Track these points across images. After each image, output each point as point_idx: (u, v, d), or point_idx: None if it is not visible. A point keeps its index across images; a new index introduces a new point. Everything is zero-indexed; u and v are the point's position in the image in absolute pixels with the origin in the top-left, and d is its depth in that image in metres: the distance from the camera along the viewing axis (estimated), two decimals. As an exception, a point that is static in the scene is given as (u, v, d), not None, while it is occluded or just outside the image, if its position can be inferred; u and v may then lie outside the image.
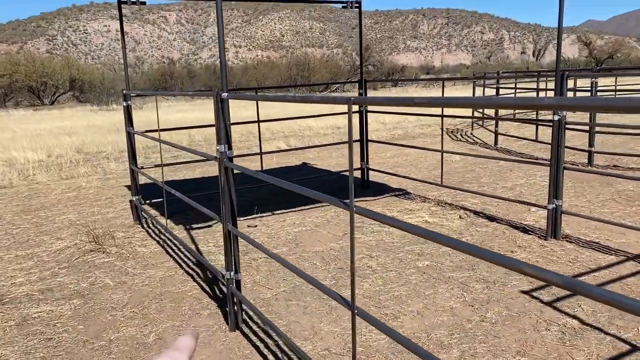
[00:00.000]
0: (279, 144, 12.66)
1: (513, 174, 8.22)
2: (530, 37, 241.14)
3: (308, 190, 2.46)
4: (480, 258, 1.64)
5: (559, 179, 4.98)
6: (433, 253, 4.85)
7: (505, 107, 1.81)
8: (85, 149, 13.00)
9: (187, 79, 68.96)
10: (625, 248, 4.77)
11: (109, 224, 6.32)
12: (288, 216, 6.43)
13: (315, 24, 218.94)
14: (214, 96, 3.35)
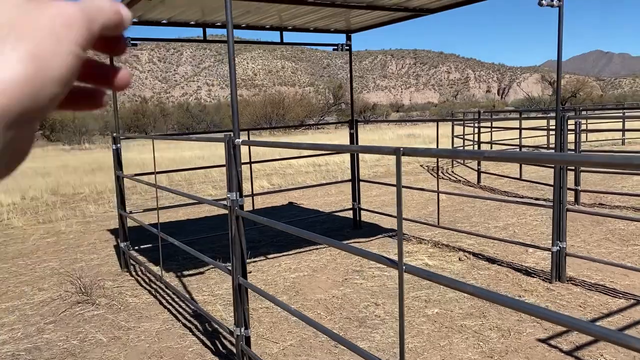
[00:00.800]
0: (262, 183, 12.49)
1: (502, 213, 8.22)
2: (494, 77, 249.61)
3: (354, 248, 2.31)
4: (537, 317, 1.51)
5: (562, 220, 4.95)
6: (440, 299, 4.71)
7: (530, 162, 1.74)
8: (61, 190, 12.58)
9: (159, 117, 68.55)
10: (631, 290, 4.72)
11: (94, 272, 6.00)
12: (282, 260, 6.23)
13: (288, 64, 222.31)
14: (225, 142, 3.21)
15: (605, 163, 1.39)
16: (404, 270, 1.97)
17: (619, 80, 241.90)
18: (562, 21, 4.61)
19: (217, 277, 5.67)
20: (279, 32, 6.75)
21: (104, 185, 13.28)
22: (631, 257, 5.73)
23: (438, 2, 5.58)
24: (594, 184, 10.46)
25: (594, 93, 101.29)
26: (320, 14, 5.99)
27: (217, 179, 14.17)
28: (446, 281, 1.89)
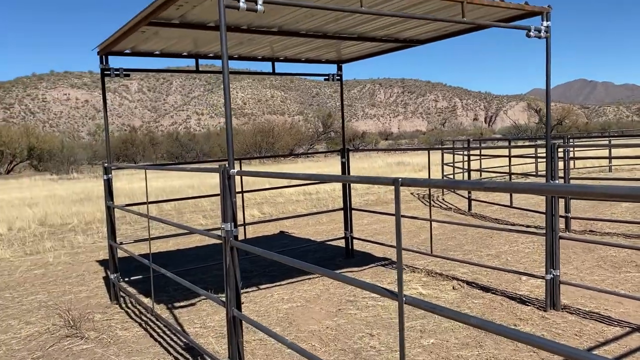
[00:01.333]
0: (253, 212, 12.44)
1: (495, 241, 8.23)
2: (481, 105, 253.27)
3: (351, 279, 2.29)
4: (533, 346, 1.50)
5: (555, 248, 4.96)
6: (435, 329, 4.66)
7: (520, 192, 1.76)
8: (49, 221, 12.42)
9: (149, 147, 68.52)
10: (626, 318, 4.71)
11: (83, 304, 5.89)
12: (275, 291, 6.16)
13: (277, 93, 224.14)
14: (220, 173, 3.20)
15: (605, 194, 1.40)
16: (404, 302, 1.95)
17: (604, 108, 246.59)
18: (549, 52, 4.71)
19: (208, 308, 5.59)
20: (271, 62, 6.82)
21: (92, 215, 13.14)
22: (624, 284, 5.74)
23: (427, 34, 5.69)
24: (584, 211, 10.54)
25: (580, 121, 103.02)
26: (311, 45, 6.07)
27: (208, 208, 14.09)
28: (449, 313, 1.87)
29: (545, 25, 4.63)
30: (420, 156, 39.36)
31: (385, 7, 4.31)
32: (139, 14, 4.37)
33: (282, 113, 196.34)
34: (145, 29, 4.77)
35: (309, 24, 5.05)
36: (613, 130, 49.95)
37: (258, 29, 5.16)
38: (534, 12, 4.65)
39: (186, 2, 4.05)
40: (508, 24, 4.70)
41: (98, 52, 5.65)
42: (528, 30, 4.55)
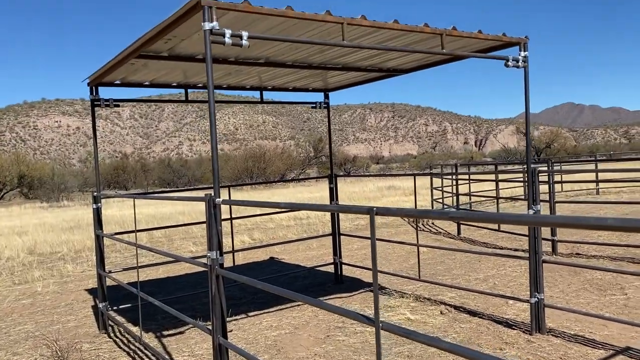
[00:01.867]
0: (243, 238, 12.45)
1: (483, 265, 8.30)
2: (471, 129, 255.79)
3: (338, 308, 2.36)
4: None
5: (539, 271, 5.04)
6: (422, 354, 4.70)
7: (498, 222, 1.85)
8: (38, 249, 12.36)
9: (140, 173, 68.43)
10: (610, 341, 4.78)
11: (71, 334, 5.86)
12: (263, 318, 6.17)
13: (268, 118, 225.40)
14: (205, 202, 3.28)
15: (560, 223, 1.50)
16: (380, 328, 2.02)
17: (591, 131, 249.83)
18: (527, 81, 4.87)
19: (197, 336, 5.59)
20: (259, 91, 6.96)
21: (82, 243, 13.10)
22: (609, 307, 5.81)
23: (409, 64, 5.85)
24: (571, 234, 10.65)
25: (568, 144, 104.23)
26: (298, 75, 6.22)
27: (198, 234, 14.08)
28: (423, 339, 1.94)
29: (522, 55, 4.79)
30: (411, 180, 39.53)
31: (366, 41, 4.47)
32: (128, 48, 4.49)
33: (273, 138, 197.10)
34: (135, 61, 4.89)
35: (295, 56, 5.19)
36: (601, 153, 50.63)
37: (245, 61, 5.30)
38: (512, 42, 4.82)
39: (174, 36, 4.17)
40: (487, 55, 4.87)
41: (88, 83, 5.76)
42: (506, 60, 4.71)
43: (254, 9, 3.50)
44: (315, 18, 3.71)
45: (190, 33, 4.11)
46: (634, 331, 4.94)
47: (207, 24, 3.27)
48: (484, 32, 4.60)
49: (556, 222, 1.59)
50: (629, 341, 4.74)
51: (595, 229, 1.38)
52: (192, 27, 3.86)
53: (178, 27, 3.77)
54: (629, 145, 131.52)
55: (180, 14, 3.58)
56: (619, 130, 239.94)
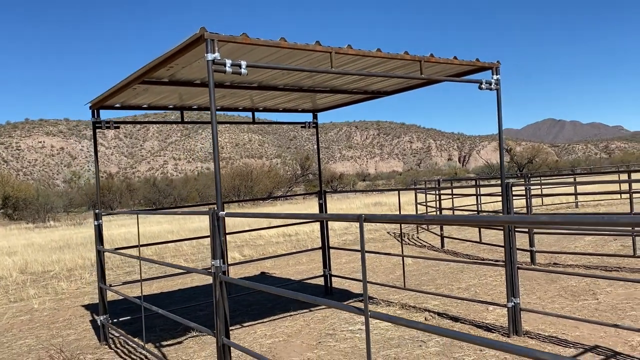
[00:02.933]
0: (233, 254, 12.72)
1: (465, 275, 8.69)
2: (455, 145, 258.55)
3: (330, 301, 2.70)
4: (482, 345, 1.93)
5: (515, 278, 5.43)
6: (407, 356, 5.04)
7: (467, 224, 2.23)
8: (30, 269, 12.50)
9: (126, 193, 68.10)
10: (581, 341, 5.17)
11: (73, 346, 6.11)
12: (258, 328, 6.47)
13: (254, 137, 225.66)
14: (209, 215, 3.62)
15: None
16: (369, 316, 2.38)
17: (572, 146, 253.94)
18: (500, 102, 5.31)
19: (195, 345, 5.87)
20: (251, 112, 7.35)
21: (74, 262, 13.26)
22: (581, 310, 6.22)
23: (392, 87, 6.29)
24: (550, 245, 11.11)
25: (550, 159, 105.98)
26: (289, 97, 6.62)
27: (188, 252, 14.32)
28: (404, 322, 2.30)
29: (495, 78, 5.25)
30: (397, 196, 39.97)
31: (352, 67, 4.88)
32: (132, 74, 4.85)
33: (260, 156, 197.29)
34: (137, 86, 5.25)
35: (286, 80, 5.60)
36: (582, 168, 51.66)
37: (240, 85, 5.69)
38: (484, 67, 5.27)
39: (176, 64, 4.55)
40: (462, 79, 5.32)
41: (90, 106, 6.10)
42: (480, 83, 5.15)
43: (251, 41, 3.89)
44: (306, 48, 4.11)
45: (191, 61, 4.49)
46: (603, 331, 5.34)
47: (209, 55, 3.65)
48: (459, 58, 5.05)
49: (526, 221, 1.95)
50: (597, 340, 5.13)
51: (556, 225, 1.75)
52: (194, 56, 4.24)
53: (181, 57, 4.15)
54: (609, 159, 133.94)
55: (184, 45, 3.95)
56: (599, 145, 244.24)
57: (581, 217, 1.74)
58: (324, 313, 6.87)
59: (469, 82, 5.25)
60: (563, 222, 2.10)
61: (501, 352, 5.02)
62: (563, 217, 1.86)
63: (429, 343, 5.36)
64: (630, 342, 4.99)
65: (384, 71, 5.10)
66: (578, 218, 1.82)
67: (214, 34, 3.68)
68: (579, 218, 1.78)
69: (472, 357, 4.90)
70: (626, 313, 5.98)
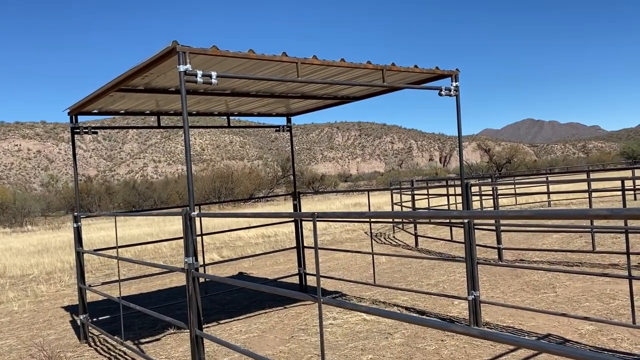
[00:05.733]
0: (212, 255, 12.92)
1: (435, 272, 9.04)
2: (436, 145, 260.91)
3: (278, 289, 2.99)
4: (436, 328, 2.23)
5: (475, 272, 5.78)
6: (374, 347, 5.35)
7: (424, 218, 2.53)
8: (9, 272, 12.56)
9: (105, 196, 67.49)
10: (535, 330, 5.53)
11: (54, 345, 6.29)
12: (233, 324, 6.73)
13: (235, 138, 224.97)
14: (182, 215, 3.88)
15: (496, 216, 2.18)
16: (322, 302, 2.67)
17: (551, 146, 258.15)
18: (459, 107, 5.65)
19: (172, 342, 6.11)
20: (227, 117, 7.60)
21: (52, 265, 13.34)
22: (540, 303, 6.60)
23: (359, 93, 6.60)
24: (518, 243, 11.55)
25: (528, 159, 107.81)
26: (262, 102, 6.89)
27: (168, 254, 14.48)
28: (350, 306, 2.59)
29: (454, 85, 5.59)
30: (378, 197, 40.47)
31: (318, 75, 5.18)
32: (109, 83, 5.08)
33: (241, 158, 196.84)
34: (114, 93, 5.47)
35: (258, 87, 5.87)
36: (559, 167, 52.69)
37: (214, 92, 5.94)
38: (444, 75, 5.61)
39: (151, 73, 4.80)
40: (422, 86, 5.65)
41: (68, 112, 6.29)
42: (440, 90, 5.49)
43: (220, 53, 4.16)
44: (273, 59, 4.39)
45: (165, 71, 4.74)
46: (557, 321, 5.71)
47: (181, 67, 3.91)
48: (419, 66, 5.38)
49: (483, 215, 2.20)
50: (550, 329, 5.50)
51: (513, 219, 1.98)
52: (167, 66, 4.49)
53: (156, 67, 4.40)
54: (587, 159, 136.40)
55: (158, 57, 4.20)
56: (577, 144, 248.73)
57: (535, 211, 1.95)
58: (298, 310, 7.15)
59: (429, 89, 5.57)
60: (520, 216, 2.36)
61: (459, 341, 5.36)
62: (515, 212, 2.08)
63: (394, 335, 5.68)
64: (580, 331, 5.37)
65: (349, 79, 5.40)
66: (531, 212, 1.99)
67: (186, 46, 3.94)
68: (533, 212, 1.96)
69: (434, 347, 5.22)
70: (580, 304, 6.38)
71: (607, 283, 7.24)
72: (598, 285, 7.17)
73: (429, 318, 6.27)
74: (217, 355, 5.51)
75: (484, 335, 2.23)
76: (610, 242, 10.48)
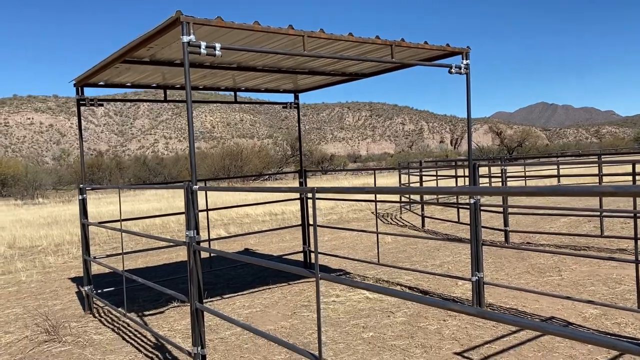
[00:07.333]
0: (219, 231, 12.98)
1: (440, 253, 9.01)
2: (447, 128, 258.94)
3: (279, 264, 2.96)
4: (435, 307, 2.20)
5: (479, 253, 5.73)
6: (376, 325, 5.35)
7: (427, 194, 2.48)
8: (18, 243, 12.70)
9: (115, 171, 67.95)
10: (539, 312, 5.50)
11: (59, 315, 6.37)
12: (237, 299, 6.76)
13: (246, 116, 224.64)
14: (184, 188, 3.85)
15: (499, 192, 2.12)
16: (319, 278, 2.64)
17: (564, 130, 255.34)
18: (469, 86, 5.54)
19: (176, 315, 6.15)
20: (233, 92, 7.53)
21: (61, 237, 13.47)
22: (544, 286, 6.55)
23: (368, 69, 6.50)
24: (526, 226, 11.47)
25: (540, 142, 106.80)
26: (269, 77, 6.81)
27: (175, 229, 14.56)
28: (349, 282, 2.56)
29: (465, 63, 5.47)
30: (386, 178, 40.38)
31: (325, 50, 5.09)
32: (113, 54, 5.02)
33: (251, 136, 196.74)
34: (119, 65, 5.42)
35: (264, 61, 5.79)
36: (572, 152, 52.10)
37: (220, 65, 5.87)
38: (454, 52, 5.49)
39: (156, 45, 4.73)
40: (432, 63, 5.54)
41: (75, 84, 6.26)
42: (450, 67, 5.38)
43: (225, 24, 4.08)
44: (279, 31, 4.31)
45: (170, 42, 4.67)
46: (560, 304, 5.67)
47: (185, 37, 3.84)
48: (429, 42, 5.26)
49: (487, 191, 2.14)
50: (554, 312, 5.47)
51: (518, 195, 1.93)
52: (172, 37, 4.43)
53: (160, 38, 4.34)
54: (599, 144, 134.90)
55: (162, 27, 4.14)
56: (590, 129, 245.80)
57: (541, 187, 1.87)
58: (301, 287, 7.17)
59: (439, 66, 5.46)
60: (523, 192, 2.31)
61: (461, 321, 5.35)
62: (520, 188, 2.02)
63: (396, 314, 5.68)
64: (583, 314, 5.32)
65: (357, 55, 5.30)
66: (536, 189, 1.91)
67: (189, 17, 3.87)
68: (541, 189, 1.89)
69: (435, 326, 5.21)
70: (586, 288, 6.33)
71: (613, 267, 7.17)
72: (605, 270, 7.11)
73: (430, 297, 6.26)
74: (219, 328, 5.55)
75: (481, 314, 2.19)
76: (620, 228, 10.38)
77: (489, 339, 4.78)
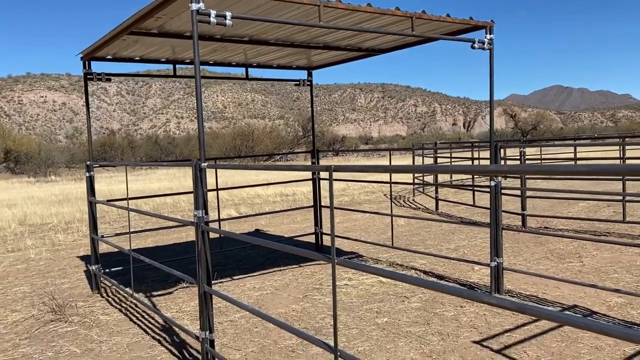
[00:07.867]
0: (230, 211, 12.84)
1: (455, 237, 8.79)
2: (460, 110, 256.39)
3: (293, 247, 2.76)
4: (457, 296, 1.99)
5: (499, 238, 5.51)
6: (390, 311, 5.16)
7: (446, 172, 2.26)
8: (29, 221, 12.67)
9: (127, 150, 68.17)
10: (560, 300, 5.28)
11: (66, 294, 6.26)
12: (247, 281, 6.61)
13: (258, 97, 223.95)
14: (192, 166, 3.66)
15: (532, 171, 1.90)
16: (335, 263, 2.44)
17: (579, 114, 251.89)
18: (492, 62, 5.26)
19: (184, 296, 6.02)
20: (245, 68, 7.29)
21: (72, 215, 13.42)
22: (565, 272, 6.32)
23: (386, 44, 6.22)
24: (543, 210, 11.19)
25: (554, 126, 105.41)
26: (282, 52, 6.55)
27: (186, 208, 14.46)
28: (367, 269, 2.36)
29: (488, 38, 5.18)
30: (398, 159, 40.07)
31: (342, 22, 4.82)
32: (120, 24, 4.80)
33: (262, 117, 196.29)
34: (126, 37, 5.20)
35: (277, 34, 5.53)
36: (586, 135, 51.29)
37: (231, 38, 5.63)
38: (478, 26, 5.20)
39: (164, 15, 4.50)
40: (454, 37, 5.25)
41: (82, 57, 6.05)
42: (472, 42, 5.09)
43: (237, -8, 3.84)
44: (293, 1, 4.05)
45: (179, 12, 4.44)
46: (583, 292, 5.44)
47: (194, 5, 3.61)
48: (452, 15, 4.98)
49: (509, 170, 1.95)
50: (577, 300, 5.24)
51: (539, 174, 1.76)
52: (181, 6, 4.19)
53: (168, 7, 4.10)
54: (615, 128, 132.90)
55: (170, -5, 3.90)
56: (605, 113, 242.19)
57: (570, 166, 1.70)
58: (313, 269, 7.00)
59: (461, 40, 5.18)
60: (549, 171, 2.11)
61: (479, 308, 5.15)
62: (549, 167, 1.82)
63: (411, 299, 5.49)
64: (608, 303, 5.10)
65: (375, 27, 5.03)
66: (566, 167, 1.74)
67: (199, -18, 3.62)
68: (568, 167, 1.71)
69: (452, 313, 5.02)
70: (608, 275, 6.09)
71: (637, 254, 6.91)
72: (627, 257, 6.85)
73: (447, 283, 6.06)
74: (228, 311, 5.40)
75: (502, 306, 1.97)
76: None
77: (509, 327, 4.58)
